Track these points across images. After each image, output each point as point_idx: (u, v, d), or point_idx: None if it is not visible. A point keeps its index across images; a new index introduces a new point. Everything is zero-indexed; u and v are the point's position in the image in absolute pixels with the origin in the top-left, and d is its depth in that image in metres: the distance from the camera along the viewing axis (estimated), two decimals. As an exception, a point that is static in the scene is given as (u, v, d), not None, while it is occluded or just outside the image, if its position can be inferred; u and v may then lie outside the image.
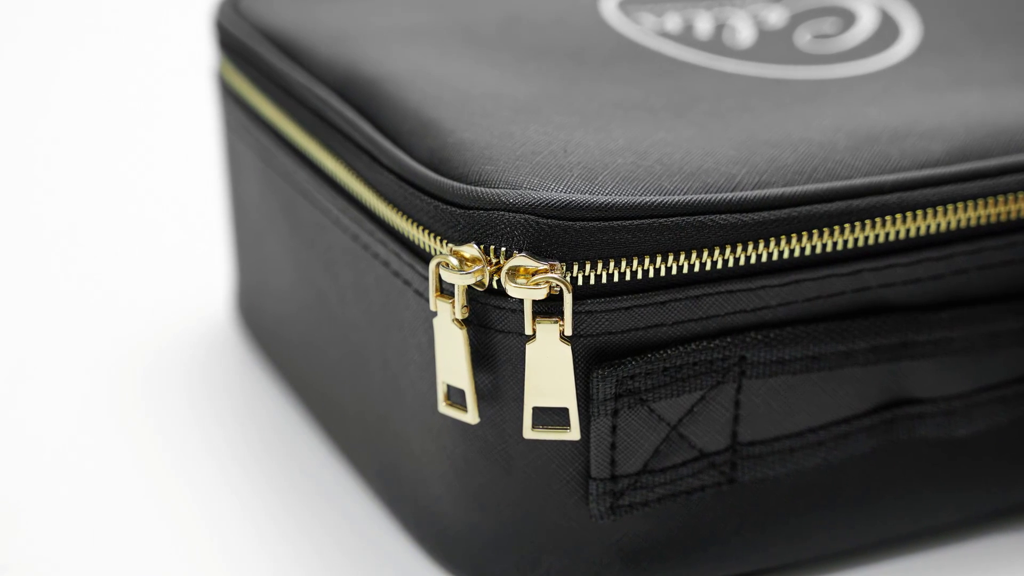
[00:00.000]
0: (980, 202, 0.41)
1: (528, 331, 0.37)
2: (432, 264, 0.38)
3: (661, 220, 0.38)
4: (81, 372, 0.54)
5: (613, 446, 0.39)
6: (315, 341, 0.48)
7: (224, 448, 0.49)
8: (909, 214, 0.40)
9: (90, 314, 0.58)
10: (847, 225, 0.39)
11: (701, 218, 0.38)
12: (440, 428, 0.40)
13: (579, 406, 0.39)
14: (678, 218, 0.38)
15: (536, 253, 0.37)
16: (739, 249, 0.38)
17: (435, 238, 0.39)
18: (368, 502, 0.46)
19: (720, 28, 0.49)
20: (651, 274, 0.38)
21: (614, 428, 0.39)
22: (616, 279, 0.38)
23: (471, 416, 0.39)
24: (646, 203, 0.38)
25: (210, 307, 0.58)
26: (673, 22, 0.49)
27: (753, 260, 0.39)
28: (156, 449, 0.50)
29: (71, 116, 0.79)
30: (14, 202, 0.69)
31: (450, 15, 0.49)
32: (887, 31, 0.49)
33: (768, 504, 0.41)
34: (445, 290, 0.38)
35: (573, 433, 0.38)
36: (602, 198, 0.37)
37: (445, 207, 0.38)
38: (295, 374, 0.51)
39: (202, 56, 0.79)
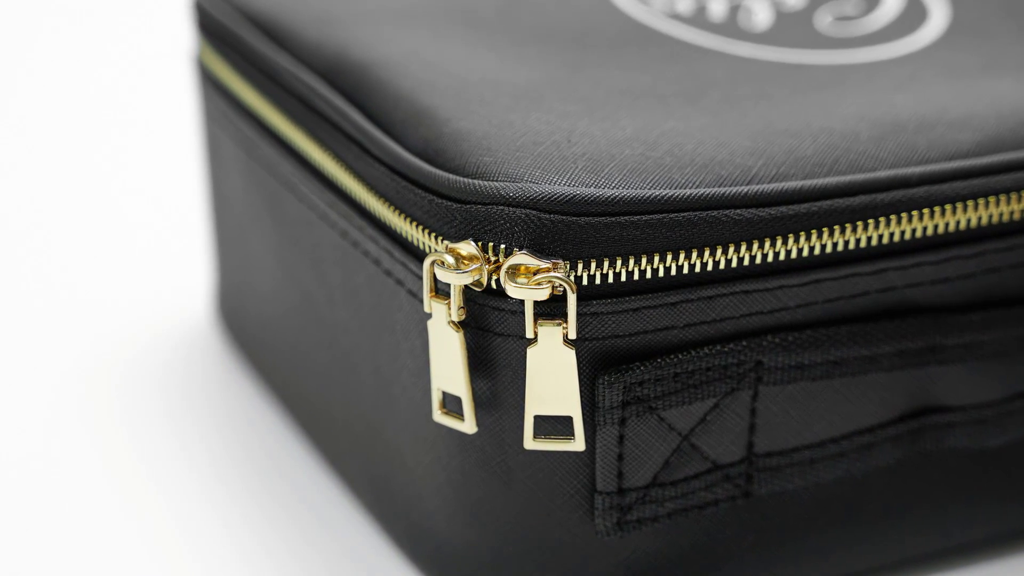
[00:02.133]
0: (1013, 196, 0.41)
1: (529, 334, 0.37)
2: (427, 262, 0.38)
3: (672, 215, 0.37)
4: (52, 379, 0.54)
5: (620, 457, 0.39)
6: (301, 345, 0.48)
7: (204, 459, 0.49)
8: (937, 209, 0.40)
9: (61, 317, 0.58)
10: (871, 221, 0.39)
11: (714, 213, 0.38)
12: (435, 438, 0.40)
13: (584, 414, 0.38)
14: (690, 213, 0.38)
15: (538, 250, 0.37)
16: (755, 246, 0.38)
17: (430, 235, 0.39)
18: (358, 517, 0.46)
19: (735, 10, 0.49)
20: (661, 273, 0.38)
21: (621, 438, 0.39)
22: (623, 278, 0.38)
23: (468, 425, 0.39)
24: (655, 197, 0.37)
25: (189, 309, 0.58)
26: (685, 3, 0.49)
27: (770, 258, 0.39)
28: (131, 461, 0.49)
29: (41, 106, 0.79)
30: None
31: (446, -4, 0.49)
32: (913, 13, 0.49)
33: (786, 519, 0.41)
34: (440, 290, 0.38)
35: (577, 443, 0.38)
36: (608, 192, 0.37)
37: (440, 201, 0.38)
38: (280, 380, 0.51)
39: (180, 40, 0.79)
